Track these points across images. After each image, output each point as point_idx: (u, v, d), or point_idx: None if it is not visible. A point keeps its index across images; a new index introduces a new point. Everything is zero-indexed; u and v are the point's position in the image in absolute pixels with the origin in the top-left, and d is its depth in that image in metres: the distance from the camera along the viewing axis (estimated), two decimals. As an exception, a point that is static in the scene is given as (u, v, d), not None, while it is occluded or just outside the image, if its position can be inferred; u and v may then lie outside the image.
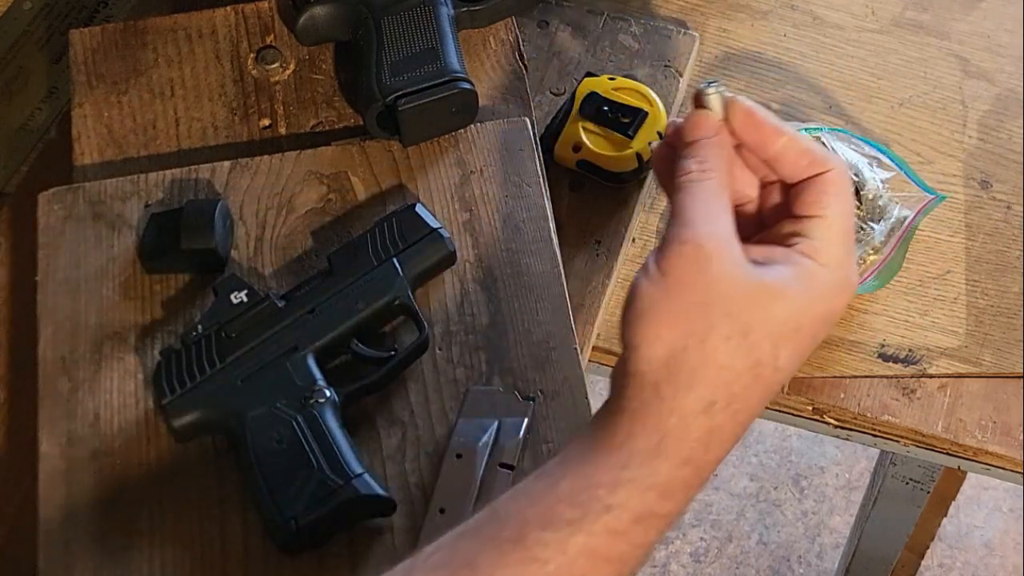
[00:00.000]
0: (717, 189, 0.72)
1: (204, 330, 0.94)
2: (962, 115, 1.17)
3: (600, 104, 1.10)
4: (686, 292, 0.70)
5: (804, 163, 0.73)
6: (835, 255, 0.72)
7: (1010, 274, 1.09)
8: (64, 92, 1.17)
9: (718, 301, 0.69)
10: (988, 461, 1.03)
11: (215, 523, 0.90)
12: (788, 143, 0.73)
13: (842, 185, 0.74)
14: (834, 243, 0.72)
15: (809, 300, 0.71)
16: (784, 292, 0.70)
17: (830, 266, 0.72)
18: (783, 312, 0.70)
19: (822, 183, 0.73)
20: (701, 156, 0.73)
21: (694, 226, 0.70)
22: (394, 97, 1.03)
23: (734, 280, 0.70)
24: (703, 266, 0.70)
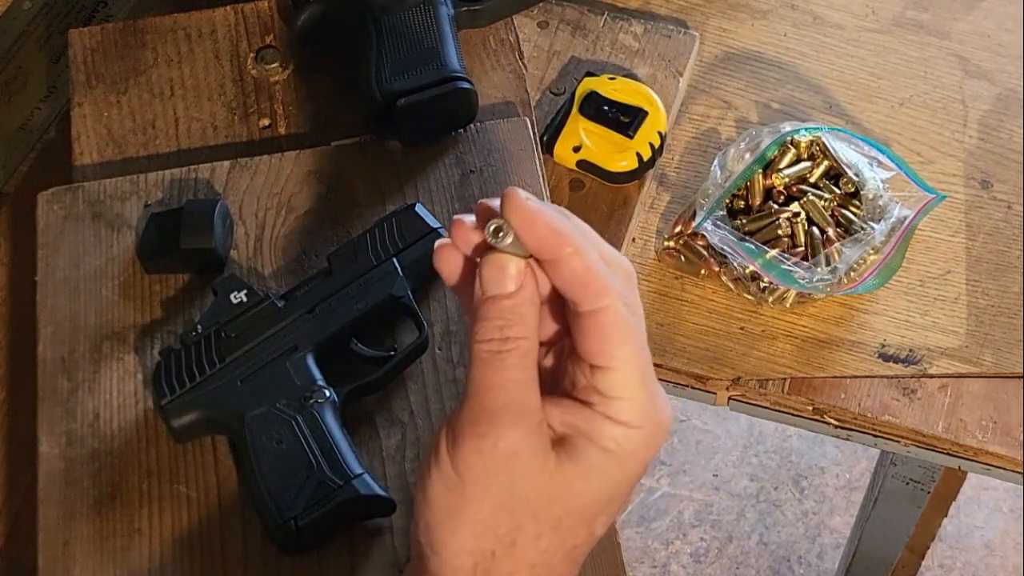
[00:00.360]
0: (524, 360, 0.63)
1: (204, 330, 0.93)
2: (962, 115, 1.17)
3: (600, 104, 1.10)
4: (487, 498, 0.63)
5: (580, 289, 0.63)
6: (638, 409, 0.64)
7: (1010, 274, 1.09)
8: (63, 92, 1.17)
9: (523, 504, 0.63)
10: (988, 461, 1.03)
11: (215, 523, 0.90)
12: (568, 259, 0.62)
13: (623, 327, 0.63)
14: (634, 395, 0.64)
15: (621, 470, 0.64)
16: (592, 475, 0.64)
17: (635, 423, 0.64)
18: (595, 494, 0.64)
19: (600, 329, 0.63)
20: (504, 320, 0.63)
21: (494, 417, 0.62)
22: (394, 97, 1.03)
23: (538, 478, 0.63)
24: (505, 466, 0.62)
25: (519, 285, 0.63)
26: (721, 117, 1.17)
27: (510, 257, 0.63)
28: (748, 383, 1.05)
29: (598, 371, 0.63)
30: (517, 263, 0.63)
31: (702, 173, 1.12)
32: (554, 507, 0.63)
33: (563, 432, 0.64)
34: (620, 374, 0.63)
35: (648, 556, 2.01)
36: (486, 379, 0.63)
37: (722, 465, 2.09)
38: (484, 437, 0.62)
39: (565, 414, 0.64)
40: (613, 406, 0.63)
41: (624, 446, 0.64)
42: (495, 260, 0.63)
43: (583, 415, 0.64)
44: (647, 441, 0.65)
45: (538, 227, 0.62)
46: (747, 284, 1.07)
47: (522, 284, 0.63)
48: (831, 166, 1.09)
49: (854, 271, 1.05)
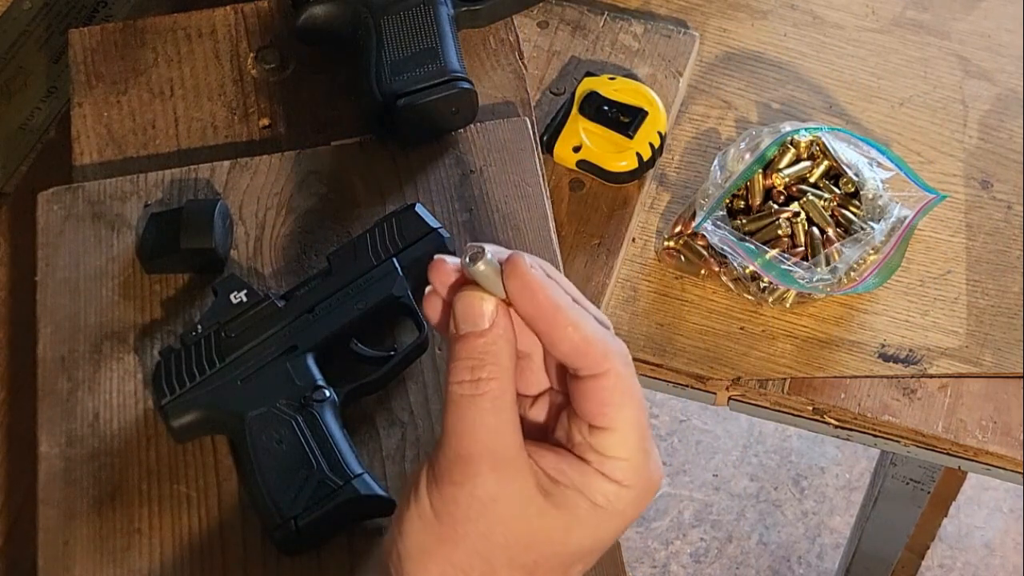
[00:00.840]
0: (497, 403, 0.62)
1: (204, 330, 0.93)
2: (962, 115, 1.17)
3: (600, 104, 1.10)
4: (462, 542, 0.62)
5: (579, 359, 0.62)
6: (635, 469, 0.63)
7: (1010, 274, 1.09)
8: (63, 92, 1.17)
9: (500, 548, 0.62)
10: (988, 461, 1.03)
11: (215, 523, 0.90)
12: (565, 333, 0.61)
13: (624, 388, 0.63)
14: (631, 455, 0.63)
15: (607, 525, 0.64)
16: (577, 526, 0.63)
17: (630, 483, 0.63)
18: (575, 544, 0.63)
19: (601, 392, 0.62)
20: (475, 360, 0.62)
21: (469, 464, 0.61)
22: (394, 97, 1.03)
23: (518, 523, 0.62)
24: (483, 514, 0.61)
25: (492, 323, 0.61)
26: (721, 117, 1.17)
27: (484, 294, 0.62)
28: (748, 383, 1.05)
29: (597, 431, 0.63)
30: (491, 300, 0.62)
31: (702, 173, 1.12)
32: (531, 552, 0.62)
33: (555, 478, 0.63)
34: (619, 435, 0.63)
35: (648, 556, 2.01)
36: (459, 423, 0.61)
37: (722, 465, 2.09)
38: (461, 485, 0.61)
39: (560, 462, 0.63)
40: (609, 464, 0.63)
41: (614, 503, 0.63)
42: (468, 296, 0.62)
43: (578, 468, 0.63)
44: (637, 500, 0.64)
45: (539, 299, 0.61)
46: (747, 284, 1.07)
47: (495, 322, 0.61)
48: (831, 166, 1.09)
49: (854, 271, 1.05)
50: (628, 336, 1.06)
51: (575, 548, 0.63)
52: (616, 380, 0.62)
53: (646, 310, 1.08)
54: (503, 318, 0.62)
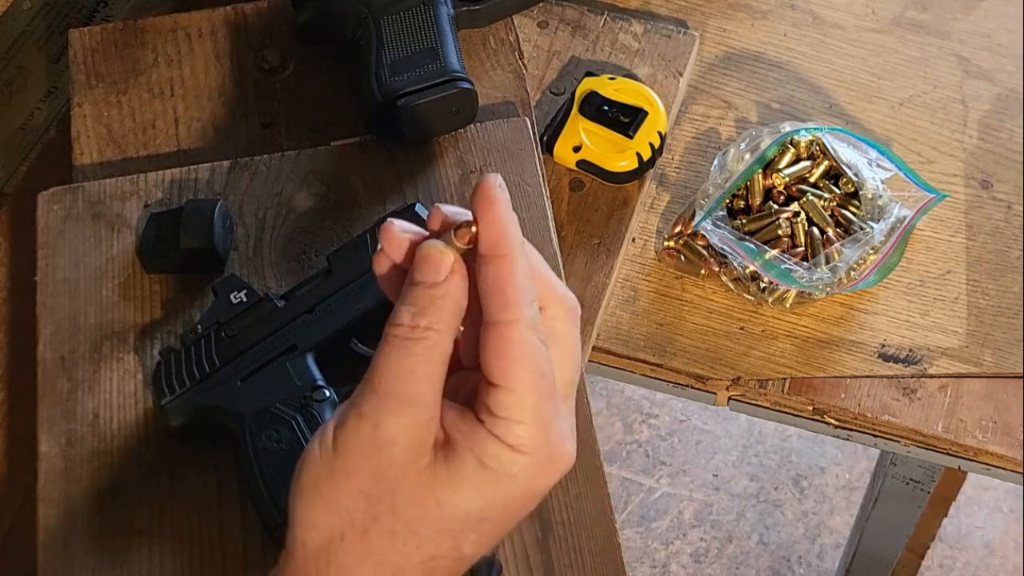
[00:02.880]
0: (428, 353, 0.61)
1: (203, 330, 0.93)
2: (962, 115, 1.17)
3: (600, 104, 1.10)
4: (353, 478, 0.61)
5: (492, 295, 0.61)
6: (532, 435, 0.61)
7: (1010, 274, 1.09)
8: (63, 92, 1.17)
9: (386, 495, 0.61)
10: (988, 461, 1.03)
11: (214, 523, 0.90)
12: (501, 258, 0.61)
13: (524, 347, 0.61)
14: (530, 420, 0.61)
15: (496, 490, 0.62)
16: (462, 485, 0.61)
17: (526, 449, 0.61)
18: (463, 506, 0.61)
19: (499, 343, 0.61)
20: (419, 307, 0.62)
21: (382, 400, 0.61)
22: (394, 97, 1.03)
23: (408, 472, 0.61)
24: (377, 451, 0.61)
25: (445, 277, 0.62)
26: (721, 117, 1.17)
27: (446, 249, 0.62)
28: (748, 383, 1.05)
29: (492, 389, 0.61)
30: (451, 256, 0.62)
31: (702, 173, 1.12)
32: (413, 509, 0.61)
33: (449, 433, 0.62)
34: (512, 396, 0.61)
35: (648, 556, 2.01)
36: (384, 362, 0.62)
37: (722, 465, 2.09)
38: (365, 417, 0.61)
39: (457, 419, 0.63)
40: (501, 426, 0.61)
41: (506, 467, 0.62)
42: (430, 248, 0.62)
43: (471, 425, 0.62)
44: (534, 471, 0.62)
45: (495, 213, 0.61)
46: (747, 284, 1.07)
47: (449, 278, 0.62)
48: (831, 166, 1.09)
49: (854, 271, 1.05)
50: (628, 336, 1.06)
51: (462, 511, 0.62)
52: (517, 335, 0.61)
53: (646, 310, 1.08)
54: (458, 278, 0.62)
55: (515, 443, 0.61)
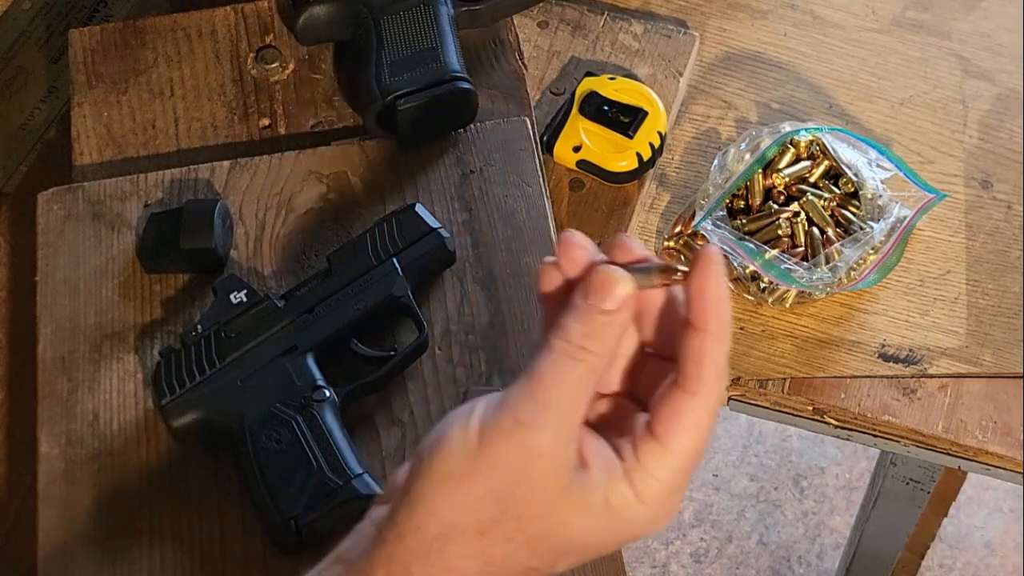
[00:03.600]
0: (588, 375, 0.63)
1: (204, 330, 0.93)
2: (962, 115, 1.17)
3: (600, 104, 1.10)
4: (489, 479, 0.62)
5: (691, 366, 0.63)
6: (660, 493, 0.63)
7: (1010, 274, 1.09)
8: (63, 92, 1.17)
9: (518, 502, 0.62)
10: (988, 461, 1.03)
11: (215, 523, 0.90)
12: (707, 335, 0.62)
13: (703, 420, 0.63)
14: (665, 480, 0.63)
15: (609, 528, 0.63)
16: (589, 515, 0.63)
17: (648, 502, 0.63)
18: (580, 534, 0.63)
19: (684, 405, 0.63)
20: (590, 330, 0.62)
21: (541, 411, 0.61)
22: (394, 97, 1.03)
23: (545, 488, 0.62)
24: (523, 461, 0.62)
25: (618, 308, 0.62)
26: (721, 117, 1.17)
27: (625, 278, 0.62)
28: (748, 383, 1.05)
29: (650, 438, 0.63)
30: (628, 287, 0.62)
31: (702, 173, 1.12)
32: (540, 523, 0.63)
33: (587, 460, 0.63)
34: (665, 455, 0.63)
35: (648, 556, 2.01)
36: (551, 371, 0.62)
37: (722, 465, 2.09)
38: (520, 425, 0.61)
39: (597, 449, 0.64)
40: (639, 473, 0.63)
41: (627, 512, 0.63)
42: (609, 274, 0.62)
43: (610, 462, 0.63)
44: (644, 522, 0.64)
45: (718, 291, 0.62)
46: (747, 284, 1.07)
47: (621, 310, 0.62)
48: (831, 166, 1.09)
49: (854, 271, 1.05)
50: (628, 336, 1.06)
51: (575, 537, 0.63)
52: (700, 408, 0.63)
53: (646, 310, 1.07)
54: (628, 311, 0.63)
55: (644, 495, 0.63)
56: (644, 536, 0.65)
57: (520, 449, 0.61)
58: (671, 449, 0.63)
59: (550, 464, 0.62)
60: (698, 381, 0.62)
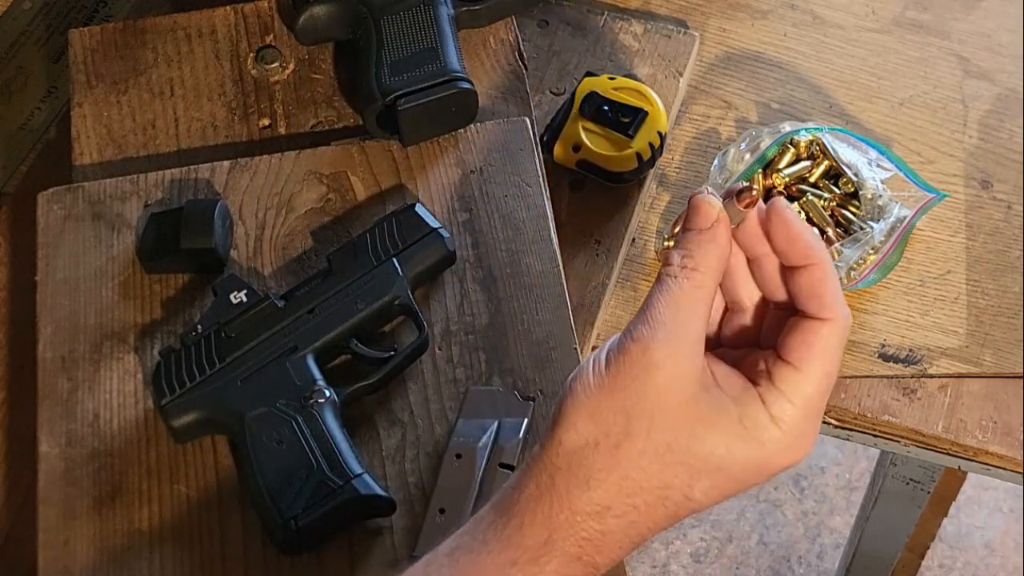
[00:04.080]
0: (693, 291, 0.67)
1: (204, 330, 0.93)
2: (962, 115, 1.17)
3: (600, 104, 1.10)
4: (618, 395, 0.67)
5: (812, 299, 0.68)
6: (794, 417, 0.67)
7: (1010, 274, 1.09)
8: (63, 92, 1.17)
9: (645, 414, 0.66)
10: (988, 461, 1.03)
11: (215, 523, 0.90)
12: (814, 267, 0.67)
13: (834, 343, 0.67)
14: (799, 404, 0.67)
15: (744, 449, 0.67)
16: (718, 429, 0.66)
17: (783, 426, 0.66)
18: (710, 448, 0.66)
19: (813, 331, 0.67)
20: (688, 250, 0.68)
21: (653, 328, 0.66)
22: (394, 97, 1.03)
23: (671, 397, 0.66)
24: (643, 373, 0.66)
25: (711, 225, 0.67)
26: (721, 117, 1.17)
27: (716, 202, 0.68)
28: (748, 383, 1.04)
29: (783, 364, 0.67)
30: (718, 209, 0.68)
31: (702, 173, 1.12)
32: (668, 433, 0.66)
33: (719, 382, 0.67)
34: (799, 378, 0.67)
35: (648, 556, 2.01)
36: (656, 294, 0.67)
37: (722, 465, 2.09)
38: (636, 342, 0.66)
39: (730, 374, 0.68)
40: (773, 394, 0.67)
41: (759, 432, 0.67)
42: (702, 199, 0.68)
43: (743, 385, 0.68)
44: (779, 448, 0.67)
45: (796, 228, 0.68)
46: (747, 284, 1.07)
47: (714, 228, 0.67)
48: (831, 166, 1.09)
49: (854, 271, 1.05)
50: (628, 336, 1.06)
51: (707, 451, 0.66)
52: (829, 333, 0.67)
53: (646, 310, 1.07)
54: (724, 227, 0.68)
55: (778, 416, 0.66)
56: (779, 468, 0.68)
57: (639, 363, 0.66)
58: (805, 372, 0.67)
59: (670, 375, 0.66)
60: (822, 307, 0.67)
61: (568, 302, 0.98)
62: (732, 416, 0.66)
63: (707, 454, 0.67)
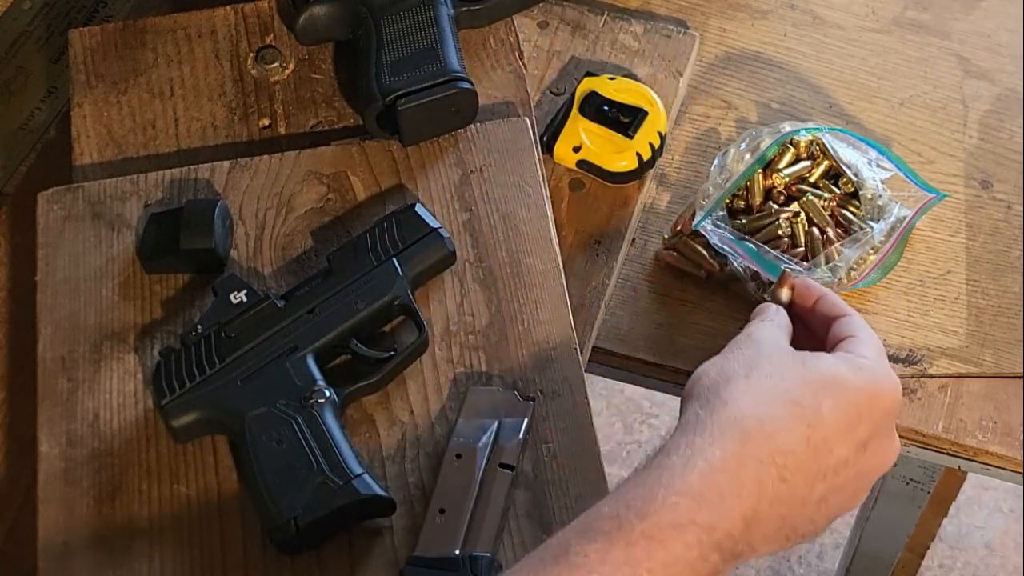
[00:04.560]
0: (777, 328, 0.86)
1: (204, 330, 0.93)
2: (962, 115, 1.17)
3: (600, 104, 1.10)
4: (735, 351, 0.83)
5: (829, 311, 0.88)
6: (875, 353, 0.83)
7: (1010, 274, 1.09)
8: (63, 92, 1.17)
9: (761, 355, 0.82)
10: (988, 461, 1.03)
11: (215, 523, 0.90)
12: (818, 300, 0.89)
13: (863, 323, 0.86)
14: (872, 346, 0.84)
15: (850, 370, 0.81)
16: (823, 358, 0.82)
17: (871, 356, 0.83)
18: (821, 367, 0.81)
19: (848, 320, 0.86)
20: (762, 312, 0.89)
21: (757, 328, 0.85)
22: (394, 97, 1.03)
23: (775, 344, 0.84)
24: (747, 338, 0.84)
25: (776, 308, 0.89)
26: (721, 117, 1.17)
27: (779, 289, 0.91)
28: (748, 383, 1.04)
29: (847, 338, 0.84)
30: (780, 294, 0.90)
31: (702, 173, 1.12)
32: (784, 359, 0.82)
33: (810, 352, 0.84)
34: (861, 337, 0.84)
35: (648, 556, 2.00)
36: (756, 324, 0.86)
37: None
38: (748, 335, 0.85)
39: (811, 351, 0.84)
40: (854, 345, 0.83)
41: (854, 360, 0.82)
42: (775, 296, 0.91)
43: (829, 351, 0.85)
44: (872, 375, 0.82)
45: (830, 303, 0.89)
46: (747, 284, 1.07)
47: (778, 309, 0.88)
48: (831, 166, 1.09)
49: (854, 271, 1.05)
50: (628, 336, 1.06)
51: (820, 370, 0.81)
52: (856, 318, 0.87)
53: (646, 310, 1.08)
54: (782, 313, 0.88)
55: (862, 353, 0.83)
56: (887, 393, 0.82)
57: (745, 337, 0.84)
58: (862, 337, 0.84)
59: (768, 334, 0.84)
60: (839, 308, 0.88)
61: (568, 302, 0.98)
62: (831, 358, 0.82)
63: (822, 369, 0.81)
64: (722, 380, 0.80)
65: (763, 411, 0.78)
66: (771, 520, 0.77)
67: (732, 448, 0.76)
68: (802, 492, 0.78)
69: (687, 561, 0.73)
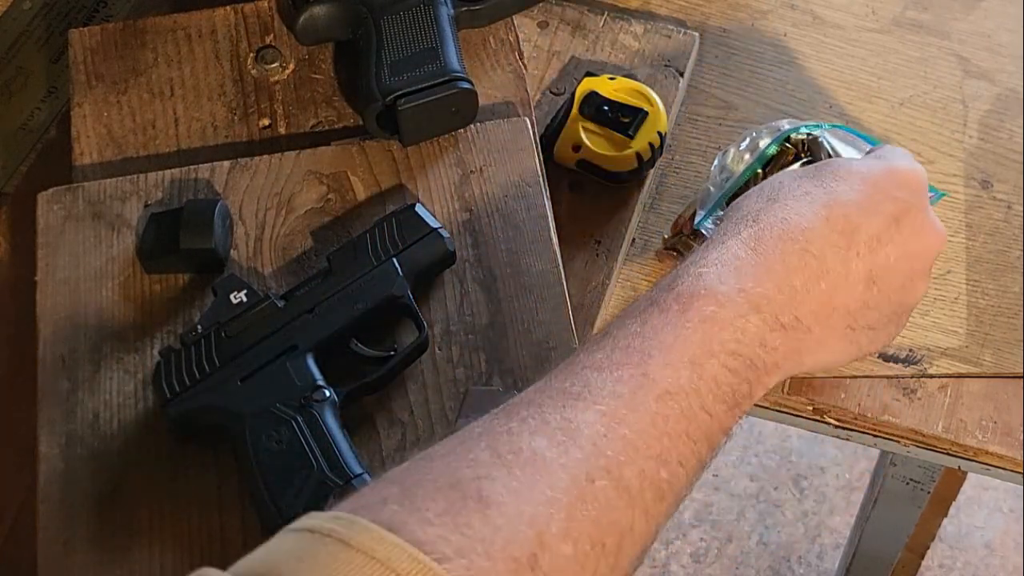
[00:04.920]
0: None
1: (203, 330, 0.93)
2: (962, 115, 1.17)
3: (600, 104, 1.10)
4: (763, 190, 0.86)
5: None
6: (887, 151, 0.90)
7: (1010, 274, 1.09)
8: (63, 92, 1.17)
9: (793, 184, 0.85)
10: (988, 461, 1.03)
11: (215, 523, 0.90)
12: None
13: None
14: (886, 150, 0.89)
15: (863, 161, 0.86)
16: (840, 160, 0.88)
17: (884, 152, 0.89)
18: (838, 160, 0.87)
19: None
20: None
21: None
22: (394, 97, 1.03)
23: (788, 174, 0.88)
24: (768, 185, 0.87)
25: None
26: (721, 117, 1.17)
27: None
28: (748, 383, 1.04)
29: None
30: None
31: (702, 173, 1.12)
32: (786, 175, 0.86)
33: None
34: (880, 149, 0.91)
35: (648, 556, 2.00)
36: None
37: (722, 465, 2.09)
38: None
39: None
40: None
41: (858, 164, 0.86)
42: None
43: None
44: (888, 158, 0.87)
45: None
46: (747, 284, 1.07)
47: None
48: (831, 166, 1.09)
49: (854, 271, 1.05)
50: (628, 336, 1.06)
51: (844, 166, 0.85)
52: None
53: (646, 310, 1.07)
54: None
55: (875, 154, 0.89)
56: (902, 168, 0.86)
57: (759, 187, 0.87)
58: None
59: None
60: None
61: (568, 302, 0.98)
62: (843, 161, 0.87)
63: (832, 164, 0.85)
64: (764, 208, 0.83)
65: (776, 205, 0.81)
66: (813, 296, 0.78)
67: (747, 232, 0.80)
68: (837, 267, 0.79)
69: (724, 319, 0.75)
